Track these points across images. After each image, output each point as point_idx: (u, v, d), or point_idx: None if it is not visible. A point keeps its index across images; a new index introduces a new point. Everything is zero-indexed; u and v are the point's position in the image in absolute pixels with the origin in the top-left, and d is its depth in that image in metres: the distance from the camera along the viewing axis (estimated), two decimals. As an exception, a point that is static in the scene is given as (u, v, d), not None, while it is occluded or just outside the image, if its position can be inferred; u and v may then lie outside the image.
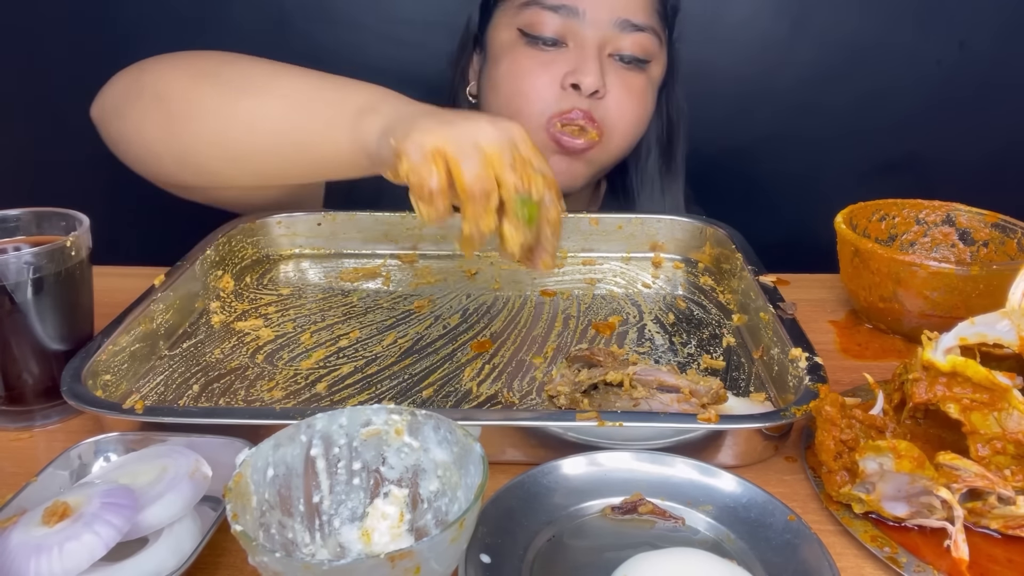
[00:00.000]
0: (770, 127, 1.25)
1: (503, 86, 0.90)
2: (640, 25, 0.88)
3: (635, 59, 0.89)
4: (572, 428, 0.53)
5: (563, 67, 0.87)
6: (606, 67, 0.88)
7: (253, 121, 0.68)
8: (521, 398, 0.62)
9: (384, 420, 0.45)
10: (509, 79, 0.90)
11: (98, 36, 1.19)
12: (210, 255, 0.79)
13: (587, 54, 0.86)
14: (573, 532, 0.48)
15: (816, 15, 1.21)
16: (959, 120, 1.25)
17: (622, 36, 0.88)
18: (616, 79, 0.89)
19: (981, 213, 0.78)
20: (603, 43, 0.87)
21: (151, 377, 0.65)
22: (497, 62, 0.92)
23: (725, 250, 0.83)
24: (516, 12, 0.90)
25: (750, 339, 0.71)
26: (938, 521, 0.48)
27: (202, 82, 0.71)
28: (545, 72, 0.87)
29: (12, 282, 0.57)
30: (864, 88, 1.23)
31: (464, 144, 0.55)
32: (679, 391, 0.56)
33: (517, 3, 0.90)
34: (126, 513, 0.42)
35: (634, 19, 0.87)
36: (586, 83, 0.85)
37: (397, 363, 0.67)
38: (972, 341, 0.51)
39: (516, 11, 0.90)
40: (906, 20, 1.20)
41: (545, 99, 0.88)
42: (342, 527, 0.45)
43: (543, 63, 0.88)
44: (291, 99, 0.67)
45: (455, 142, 0.55)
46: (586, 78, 0.85)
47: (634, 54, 0.89)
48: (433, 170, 0.55)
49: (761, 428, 0.54)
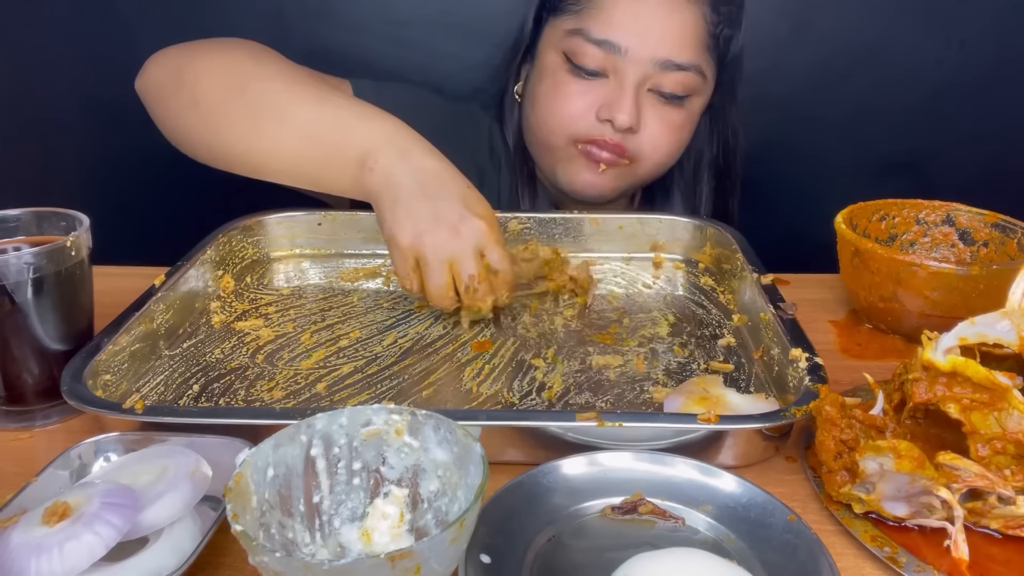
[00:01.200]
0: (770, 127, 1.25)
1: (541, 105, 0.93)
2: (683, 64, 0.88)
3: (674, 96, 0.90)
4: (572, 428, 0.53)
5: (600, 98, 0.88)
6: (644, 101, 0.89)
7: (271, 151, 0.73)
8: (521, 398, 0.62)
9: (384, 420, 0.45)
10: (547, 100, 0.92)
11: (98, 36, 1.19)
12: (210, 255, 0.79)
13: (625, 90, 0.87)
14: (573, 532, 0.48)
15: (816, 16, 1.21)
16: (959, 120, 1.25)
17: (664, 75, 0.88)
18: (653, 113, 0.89)
19: (981, 213, 0.78)
20: (643, 80, 0.88)
21: (151, 377, 0.65)
22: (541, 79, 0.93)
23: (726, 250, 0.83)
24: (563, 36, 0.90)
25: (751, 339, 0.71)
26: (938, 521, 0.48)
27: (232, 98, 0.74)
28: (581, 100, 0.89)
29: (12, 282, 0.57)
30: (864, 88, 1.23)
31: (434, 258, 0.67)
32: None
33: (566, 27, 0.90)
34: (126, 513, 0.42)
35: (677, 59, 0.87)
36: (620, 120, 0.87)
37: (397, 363, 0.67)
38: (972, 341, 0.51)
39: (563, 35, 0.90)
40: (906, 20, 1.20)
41: (577, 125, 0.90)
42: (342, 527, 0.45)
43: (581, 92, 0.89)
44: (302, 136, 0.72)
45: (426, 252, 0.66)
46: (620, 115, 0.87)
47: (674, 91, 0.89)
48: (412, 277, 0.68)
49: (761, 428, 0.54)
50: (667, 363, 0.68)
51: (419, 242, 0.66)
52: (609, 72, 0.88)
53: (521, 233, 0.87)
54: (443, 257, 0.67)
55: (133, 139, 0.77)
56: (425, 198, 0.67)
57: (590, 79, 0.89)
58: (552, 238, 0.87)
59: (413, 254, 0.67)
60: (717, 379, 0.62)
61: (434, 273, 0.67)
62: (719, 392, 0.59)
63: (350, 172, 0.70)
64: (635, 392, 0.63)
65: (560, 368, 0.66)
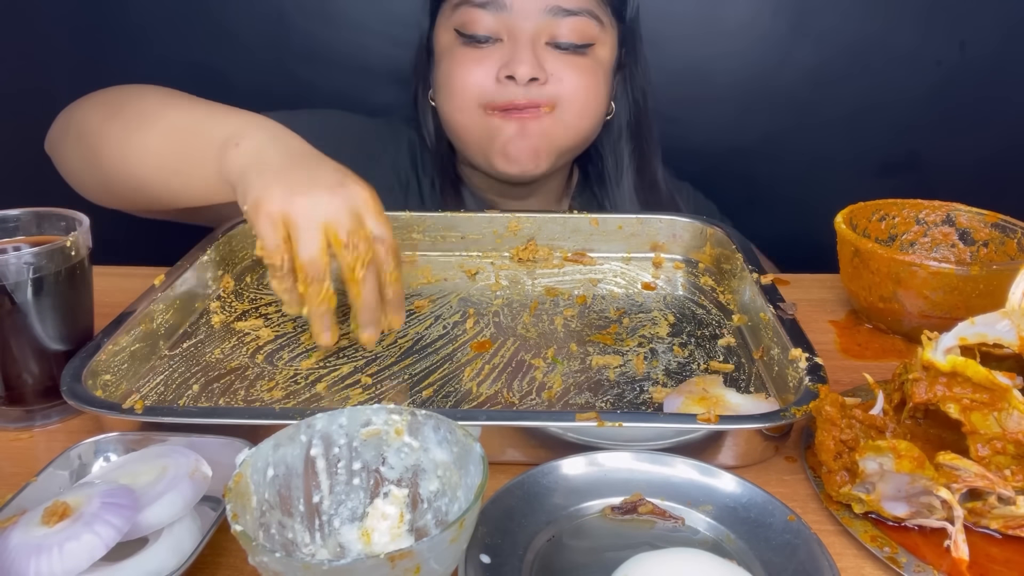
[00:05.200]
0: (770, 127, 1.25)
1: (442, 86, 0.92)
2: (573, 9, 0.88)
3: (574, 45, 0.89)
4: (572, 428, 0.53)
5: (498, 60, 0.88)
6: (545, 55, 0.88)
7: (142, 154, 0.72)
8: (521, 398, 0.62)
9: (384, 420, 0.45)
10: (447, 77, 0.91)
11: (99, 35, 1.19)
12: (210, 255, 0.79)
13: (520, 43, 0.87)
14: (573, 532, 0.48)
15: (816, 15, 1.21)
16: (959, 120, 1.25)
17: (556, 23, 0.88)
18: (558, 63, 0.89)
19: (981, 213, 0.78)
20: (537, 33, 0.88)
21: (151, 377, 0.65)
22: (439, 64, 0.94)
23: (726, 250, 0.83)
24: (451, 13, 0.91)
25: (751, 339, 0.71)
26: (938, 521, 0.48)
27: (110, 119, 0.75)
28: (479, 66, 0.89)
29: (12, 282, 0.57)
30: (864, 88, 1.23)
31: (307, 222, 0.58)
32: None
33: (452, 4, 0.91)
34: (126, 513, 0.42)
35: (565, 4, 0.87)
36: (520, 72, 0.86)
37: (397, 363, 0.67)
38: (972, 341, 0.51)
39: (451, 12, 0.91)
40: (906, 20, 1.20)
41: (481, 90, 0.89)
42: (342, 527, 0.45)
43: (477, 58, 0.89)
44: (172, 133, 0.70)
45: (299, 215, 0.58)
46: (520, 67, 0.86)
47: (572, 40, 0.89)
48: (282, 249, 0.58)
49: (761, 428, 0.54)
50: (667, 363, 0.68)
51: (290, 204, 0.58)
52: (503, 34, 0.88)
53: (520, 233, 0.87)
54: (318, 220, 0.58)
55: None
56: (298, 167, 0.61)
57: (485, 46, 0.88)
58: (552, 238, 0.87)
59: (283, 219, 0.58)
60: (717, 379, 0.62)
61: (306, 238, 0.58)
62: (719, 392, 0.59)
63: (212, 155, 0.65)
64: (635, 392, 0.63)
65: (560, 368, 0.66)
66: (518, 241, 0.87)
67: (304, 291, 0.59)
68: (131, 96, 0.77)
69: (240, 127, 0.66)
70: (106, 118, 0.75)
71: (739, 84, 1.23)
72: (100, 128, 0.75)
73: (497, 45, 0.88)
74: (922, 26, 1.20)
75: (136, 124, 0.72)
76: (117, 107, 0.75)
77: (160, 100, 0.74)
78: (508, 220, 0.87)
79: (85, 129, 0.76)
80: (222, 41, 1.18)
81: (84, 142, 0.76)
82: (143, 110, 0.73)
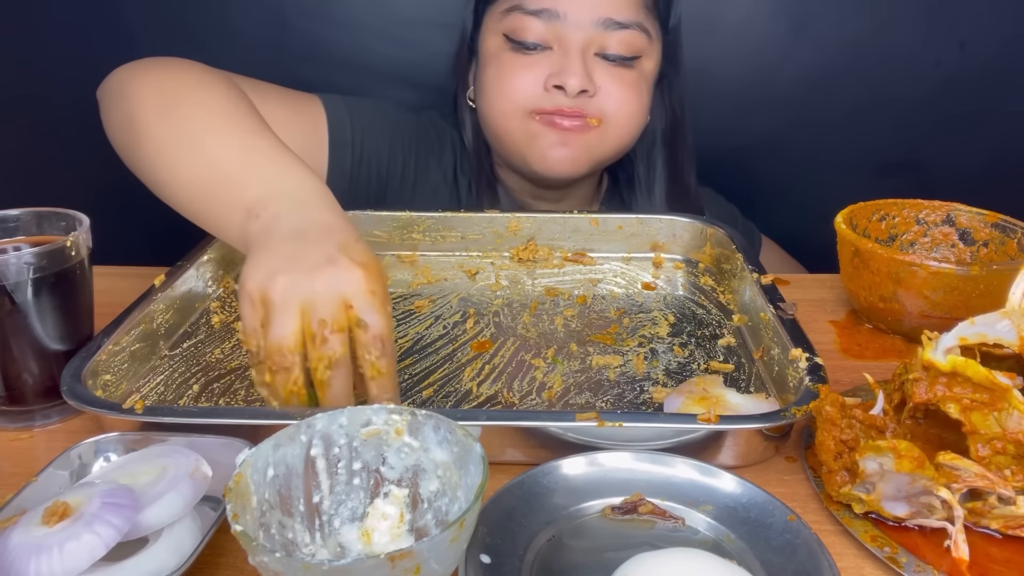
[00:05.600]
0: (770, 127, 1.25)
1: (488, 90, 0.92)
2: (625, 23, 0.88)
3: (622, 57, 0.89)
4: (572, 428, 0.53)
5: (547, 68, 0.88)
6: (593, 66, 0.88)
7: (177, 181, 0.68)
8: (521, 398, 0.62)
9: (384, 420, 0.45)
10: (494, 82, 0.91)
11: (99, 35, 1.19)
12: (210, 255, 0.79)
13: (571, 55, 0.87)
14: (573, 532, 0.48)
15: (816, 15, 1.21)
16: (959, 120, 1.25)
17: (607, 35, 0.88)
18: (606, 75, 0.89)
19: (981, 213, 0.78)
20: (587, 43, 0.88)
21: (151, 377, 0.65)
22: (485, 67, 0.93)
23: (725, 250, 0.83)
24: (500, 18, 0.90)
25: (750, 339, 0.71)
26: (938, 521, 0.48)
27: (157, 118, 0.70)
28: (528, 72, 0.88)
29: (12, 282, 0.57)
30: (864, 88, 1.23)
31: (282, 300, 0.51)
32: None
33: (501, 9, 0.90)
34: (126, 513, 0.42)
35: (617, 17, 0.87)
36: (571, 84, 0.86)
37: (397, 363, 0.67)
38: (972, 341, 0.51)
39: (500, 17, 0.90)
40: (906, 21, 1.20)
41: (528, 97, 0.88)
42: (342, 527, 0.45)
43: (526, 65, 0.88)
44: (207, 174, 0.65)
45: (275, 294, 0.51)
46: (570, 79, 0.86)
47: (620, 53, 0.89)
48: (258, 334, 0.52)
49: (761, 428, 0.54)
50: (667, 363, 0.68)
51: (270, 283, 0.52)
52: (552, 43, 0.88)
53: (520, 233, 0.87)
54: (294, 302, 0.51)
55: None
56: (296, 243, 0.55)
57: (534, 53, 0.88)
58: (552, 238, 0.87)
59: (261, 299, 0.52)
60: (717, 379, 0.62)
61: (278, 321, 0.51)
62: (719, 392, 0.59)
63: (237, 218, 0.61)
64: (635, 392, 0.63)
65: (560, 368, 0.66)
66: (518, 241, 0.87)
67: (270, 381, 0.52)
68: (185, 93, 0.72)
69: (269, 192, 0.61)
70: (155, 115, 0.71)
71: (739, 84, 1.23)
72: (148, 125, 0.71)
73: (546, 53, 0.88)
74: (922, 26, 1.20)
75: (176, 142, 0.68)
76: (167, 106, 0.71)
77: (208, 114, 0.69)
78: (508, 220, 0.87)
79: (134, 117, 0.71)
80: (222, 41, 1.18)
81: (130, 129, 0.72)
82: (190, 125, 0.69)
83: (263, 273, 0.53)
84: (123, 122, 0.73)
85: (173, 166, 0.68)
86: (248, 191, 0.61)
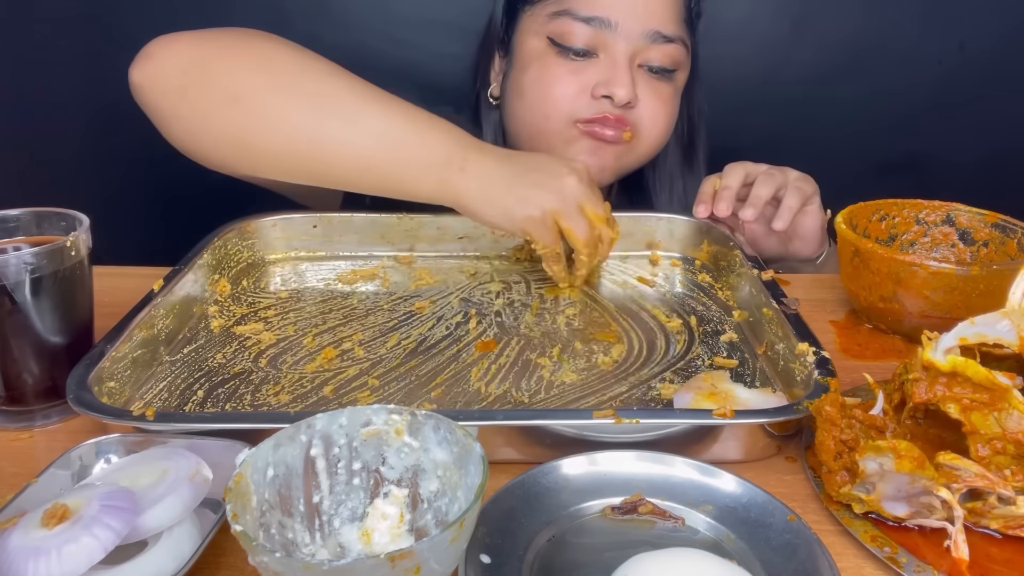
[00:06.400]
0: (770, 127, 1.25)
1: (529, 92, 0.91)
2: (670, 36, 0.88)
3: (663, 69, 0.90)
4: (572, 425, 0.53)
5: (594, 77, 0.88)
6: (637, 78, 0.89)
7: (340, 149, 0.71)
8: (530, 397, 0.62)
9: (384, 420, 0.45)
10: (537, 85, 0.90)
11: (99, 35, 1.19)
12: (207, 259, 0.79)
13: (619, 65, 0.87)
14: (573, 532, 0.48)
15: (816, 15, 1.21)
16: (959, 120, 1.25)
17: (652, 47, 0.88)
18: (646, 88, 0.89)
19: (981, 213, 0.78)
20: (634, 54, 0.88)
21: (153, 383, 0.64)
22: (525, 68, 0.92)
23: (723, 247, 0.83)
24: (546, 20, 0.89)
25: (752, 335, 0.71)
26: (938, 521, 0.48)
27: (285, 94, 0.70)
28: (575, 80, 0.88)
29: (12, 282, 0.57)
30: (864, 88, 1.23)
31: (570, 210, 0.72)
32: None
33: (548, 11, 0.90)
34: (125, 516, 0.42)
35: (665, 31, 0.88)
36: (619, 95, 0.86)
37: (402, 365, 0.67)
38: (972, 341, 0.51)
39: (546, 19, 0.89)
40: (907, 20, 1.20)
41: (574, 105, 0.88)
42: (342, 527, 0.45)
43: (573, 71, 0.88)
44: (380, 138, 0.71)
45: (563, 211, 0.71)
46: (620, 90, 0.86)
47: (663, 65, 0.89)
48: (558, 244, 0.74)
49: (775, 423, 0.54)
50: (671, 360, 0.68)
51: (549, 205, 0.71)
52: (599, 50, 0.88)
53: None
54: (576, 204, 0.72)
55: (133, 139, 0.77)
56: (527, 173, 0.72)
57: (579, 59, 0.88)
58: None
59: (552, 217, 0.71)
60: (724, 375, 0.62)
61: (576, 221, 0.72)
62: (727, 387, 0.59)
63: (434, 174, 0.71)
64: (643, 390, 0.63)
65: (567, 366, 0.67)
66: (517, 241, 0.87)
67: (588, 260, 0.76)
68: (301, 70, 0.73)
69: (450, 144, 0.72)
70: (279, 92, 0.70)
71: (739, 84, 1.23)
72: (274, 104, 0.70)
73: (592, 60, 0.88)
74: (922, 26, 1.20)
75: (329, 113, 0.71)
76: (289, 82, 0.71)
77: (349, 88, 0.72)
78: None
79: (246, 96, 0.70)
80: (222, 41, 1.18)
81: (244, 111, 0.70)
82: (333, 96, 0.72)
83: (535, 204, 0.71)
84: (225, 104, 0.70)
85: (333, 138, 0.71)
86: (434, 150, 0.71)
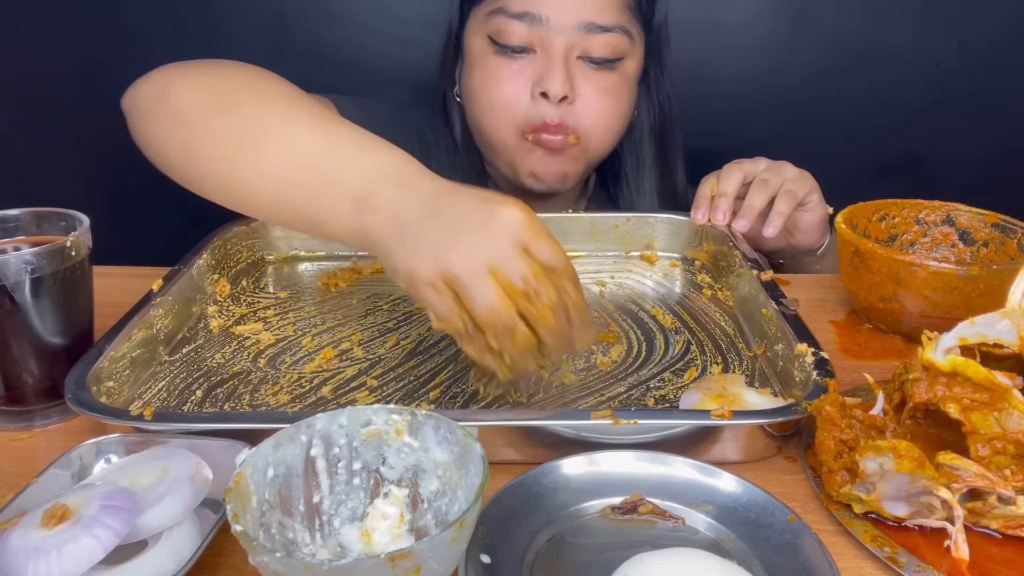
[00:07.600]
0: (770, 127, 1.25)
1: (478, 96, 0.93)
2: (607, 26, 0.88)
3: (605, 60, 0.90)
4: (571, 425, 0.53)
5: (532, 75, 0.88)
6: (575, 70, 0.89)
7: (259, 182, 0.63)
8: (528, 397, 0.62)
9: (384, 420, 0.45)
10: (483, 89, 0.92)
11: (100, 35, 1.19)
12: (206, 259, 0.79)
13: (554, 60, 0.87)
14: (573, 532, 0.48)
15: (816, 15, 1.21)
16: (959, 120, 1.25)
17: (590, 38, 0.88)
18: (586, 82, 0.89)
19: (981, 213, 0.78)
20: (570, 47, 0.88)
21: (152, 383, 0.64)
22: (472, 70, 0.93)
23: (723, 247, 0.83)
24: (485, 20, 0.91)
25: (751, 335, 0.71)
26: (938, 521, 0.48)
27: (219, 116, 0.66)
28: (514, 82, 0.89)
29: (12, 282, 0.57)
30: (864, 88, 1.23)
31: (468, 272, 0.51)
32: None
33: (485, 11, 0.91)
34: (125, 516, 0.42)
35: (600, 21, 0.88)
36: (553, 89, 0.86)
37: (401, 365, 0.67)
38: (972, 341, 0.51)
39: (485, 19, 0.91)
40: (906, 20, 1.20)
41: (518, 110, 0.89)
42: (342, 527, 0.45)
43: (512, 73, 0.89)
44: (296, 166, 0.61)
45: (457, 270, 0.51)
46: (553, 84, 0.86)
47: (603, 55, 0.89)
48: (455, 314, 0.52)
49: (774, 423, 0.54)
50: (670, 360, 0.68)
51: (444, 263, 0.52)
52: (536, 46, 0.88)
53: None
54: (480, 266, 0.51)
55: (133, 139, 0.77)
56: (436, 216, 0.54)
57: (518, 57, 0.89)
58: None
59: (444, 281, 0.52)
60: (739, 378, 0.62)
61: (477, 290, 0.51)
62: (738, 391, 0.59)
63: (346, 212, 0.58)
64: (641, 391, 0.63)
65: (566, 367, 0.67)
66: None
67: (498, 346, 0.53)
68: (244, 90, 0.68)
69: (370, 179, 0.58)
70: (214, 113, 0.66)
71: (739, 84, 1.23)
72: (208, 124, 0.66)
73: (530, 57, 0.89)
74: (922, 26, 1.20)
75: (254, 139, 0.63)
76: (228, 102, 0.66)
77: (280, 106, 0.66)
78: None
79: (188, 117, 0.67)
80: (222, 41, 1.18)
81: (185, 131, 0.67)
82: (259, 121, 0.64)
83: (429, 257, 0.52)
84: (173, 125, 0.68)
85: (250, 166, 0.63)
86: (349, 184, 0.58)
